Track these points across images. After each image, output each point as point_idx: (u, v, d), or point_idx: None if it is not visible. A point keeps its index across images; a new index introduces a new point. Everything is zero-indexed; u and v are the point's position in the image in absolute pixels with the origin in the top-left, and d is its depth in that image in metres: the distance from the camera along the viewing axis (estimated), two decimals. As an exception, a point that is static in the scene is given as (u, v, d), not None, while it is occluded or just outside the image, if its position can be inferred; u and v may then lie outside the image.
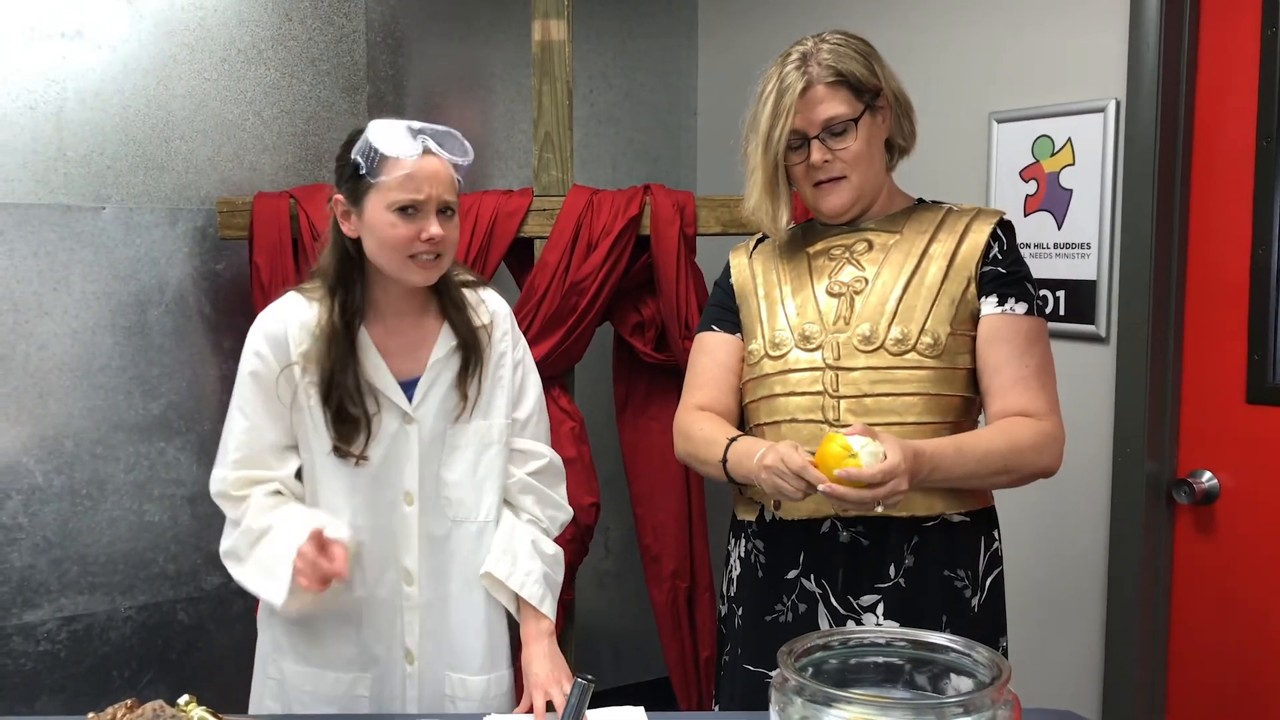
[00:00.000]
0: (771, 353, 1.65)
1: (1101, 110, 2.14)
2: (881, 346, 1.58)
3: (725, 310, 1.75)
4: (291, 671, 1.64)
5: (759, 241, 1.79)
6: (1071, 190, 2.22)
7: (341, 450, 1.58)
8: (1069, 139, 2.21)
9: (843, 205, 1.64)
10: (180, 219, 2.51)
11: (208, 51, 2.52)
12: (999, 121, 2.34)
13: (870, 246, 1.66)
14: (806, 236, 1.73)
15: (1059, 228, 2.24)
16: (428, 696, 1.66)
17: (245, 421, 1.60)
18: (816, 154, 1.60)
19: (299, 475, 1.63)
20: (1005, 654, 1.68)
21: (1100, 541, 2.21)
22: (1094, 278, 2.18)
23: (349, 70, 2.71)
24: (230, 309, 2.57)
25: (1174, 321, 2.11)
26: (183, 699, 1.36)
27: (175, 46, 2.48)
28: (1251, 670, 2.04)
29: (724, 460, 1.59)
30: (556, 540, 1.76)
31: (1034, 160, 2.28)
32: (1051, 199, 2.25)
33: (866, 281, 1.63)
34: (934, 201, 1.73)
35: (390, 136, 1.52)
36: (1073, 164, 2.21)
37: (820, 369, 1.60)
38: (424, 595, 1.65)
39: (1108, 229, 2.15)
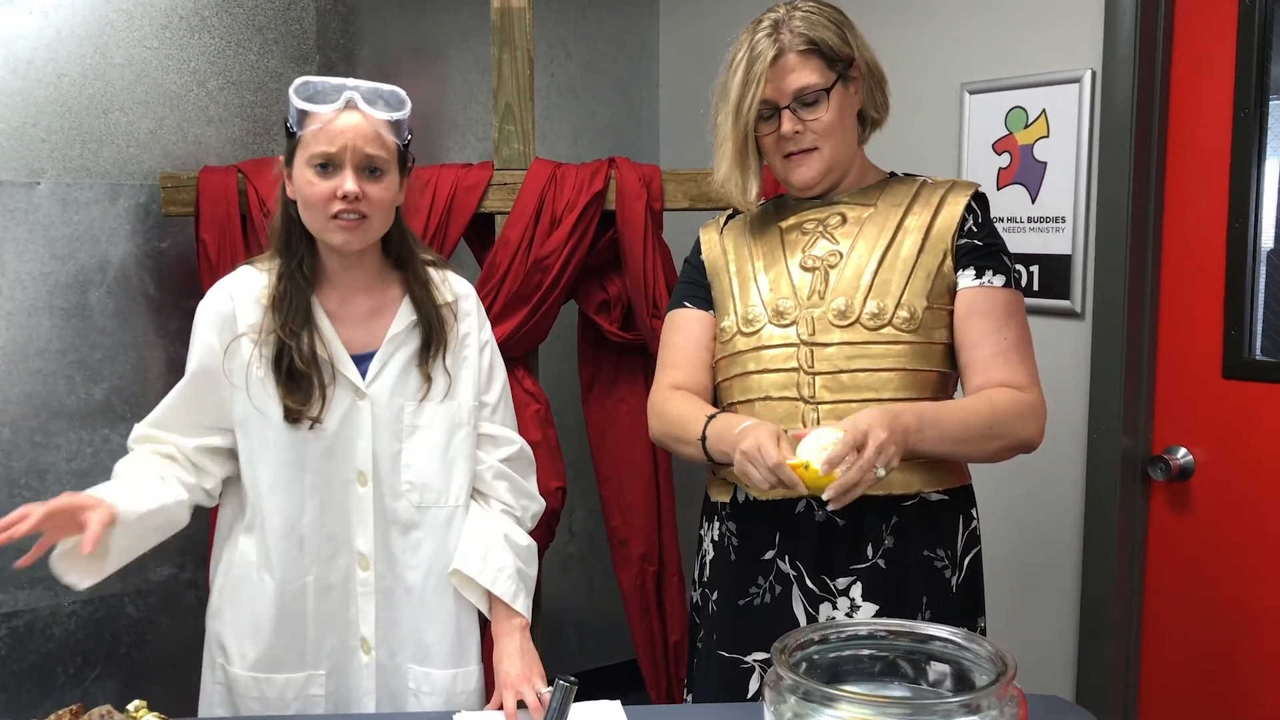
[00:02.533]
0: (745, 329, 1.61)
1: (1077, 81, 2.11)
2: (857, 321, 1.55)
3: (697, 287, 1.71)
4: (237, 676, 1.57)
5: (730, 217, 1.75)
6: (1046, 163, 2.18)
7: (294, 413, 1.51)
8: (1043, 110, 2.17)
9: (813, 177, 1.60)
10: (121, 195, 2.41)
11: (147, 18, 2.42)
12: (971, 92, 2.30)
13: (844, 220, 1.62)
14: (778, 211, 1.69)
15: (1033, 201, 2.21)
16: (388, 690, 1.60)
17: (176, 395, 1.58)
18: (787, 124, 1.56)
19: (235, 455, 1.58)
20: (983, 634, 1.66)
21: (1075, 518, 2.20)
22: (1069, 252, 2.15)
23: (298, 39, 2.61)
24: (176, 289, 2.48)
25: (1150, 296, 2.09)
26: (133, 704, 1.30)
27: (112, 12, 2.38)
28: (1225, 645, 2.04)
29: (703, 439, 1.55)
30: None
31: (1007, 132, 2.24)
32: (1025, 172, 2.22)
33: (841, 255, 1.59)
34: (907, 174, 1.69)
35: (308, 90, 1.50)
36: (1047, 136, 2.17)
37: (795, 345, 1.56)
38: (381, 582, 1.59)
39: (1083, 203, 2.12)
